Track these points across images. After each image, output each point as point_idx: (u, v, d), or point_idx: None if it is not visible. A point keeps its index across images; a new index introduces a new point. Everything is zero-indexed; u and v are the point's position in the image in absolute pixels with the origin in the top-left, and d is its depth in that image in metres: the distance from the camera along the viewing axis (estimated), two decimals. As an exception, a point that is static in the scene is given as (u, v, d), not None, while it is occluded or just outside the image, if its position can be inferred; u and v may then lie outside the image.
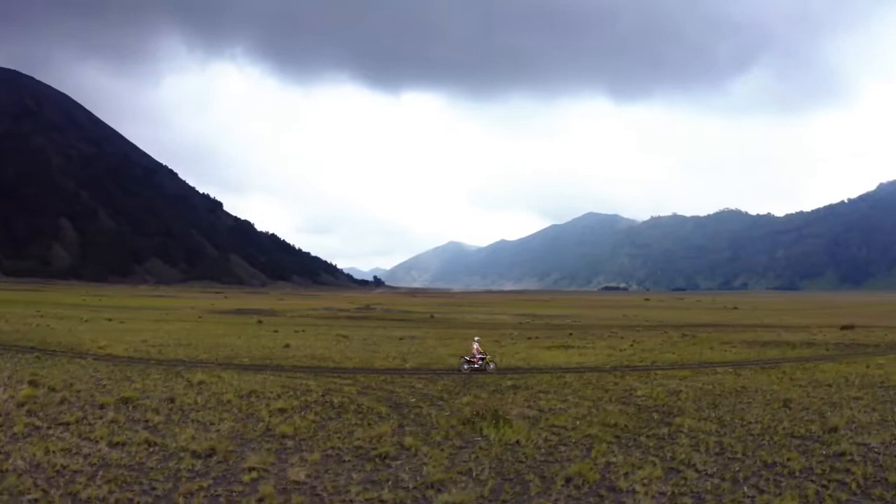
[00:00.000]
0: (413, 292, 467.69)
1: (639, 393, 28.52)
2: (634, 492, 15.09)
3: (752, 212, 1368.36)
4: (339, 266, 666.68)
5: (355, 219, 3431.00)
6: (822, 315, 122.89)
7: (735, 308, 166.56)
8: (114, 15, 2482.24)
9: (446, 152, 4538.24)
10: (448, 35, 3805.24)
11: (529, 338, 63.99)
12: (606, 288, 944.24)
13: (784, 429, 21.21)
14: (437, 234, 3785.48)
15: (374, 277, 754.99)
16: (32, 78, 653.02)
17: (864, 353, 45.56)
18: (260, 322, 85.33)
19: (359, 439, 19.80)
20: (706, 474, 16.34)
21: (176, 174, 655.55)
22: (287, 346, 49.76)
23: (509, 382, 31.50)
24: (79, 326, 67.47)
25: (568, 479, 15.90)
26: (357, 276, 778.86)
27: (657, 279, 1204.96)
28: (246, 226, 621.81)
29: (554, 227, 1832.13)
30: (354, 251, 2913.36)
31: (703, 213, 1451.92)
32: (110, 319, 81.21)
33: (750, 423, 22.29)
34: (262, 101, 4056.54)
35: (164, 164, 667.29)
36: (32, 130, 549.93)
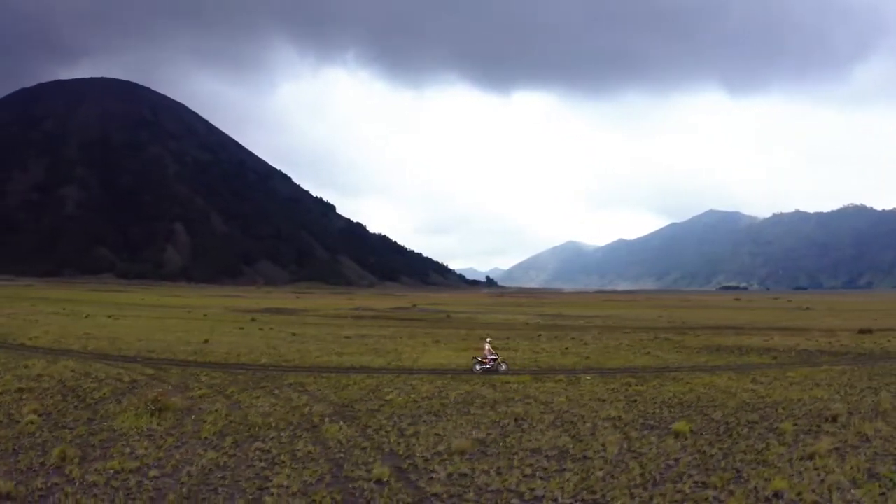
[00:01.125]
0: (503, 293, 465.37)
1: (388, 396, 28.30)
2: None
3: (878, 207, 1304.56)
4: (455, 266, 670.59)
5: (472, 219, 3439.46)
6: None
7: (807, 309, 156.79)
8: (229, 26, 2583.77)
9: (559, 151, 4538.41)
10: (557, 34, 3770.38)
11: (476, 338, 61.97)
12: (725, 287, 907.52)
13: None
14: (555, 233, 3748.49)
15: (487, 277, 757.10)
16: (150, 89, 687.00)
17: (810, 364, 41.65)
18: (253, 320, 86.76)
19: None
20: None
21: (290, 178, 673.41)
22: (206, 341, 52.53)
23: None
24: (62, 320, 74.30)
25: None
26: (475, 277, 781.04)
27: (779, 278, 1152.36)
28: (358, 228, 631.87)
29: (673, 225, 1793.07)
30: (472, 251, 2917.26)
31: (826, 208, 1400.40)
32: (110, 317, 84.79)
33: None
34: (374, 105, 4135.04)
35: (278, 168, 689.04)
36: (149, 139, 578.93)
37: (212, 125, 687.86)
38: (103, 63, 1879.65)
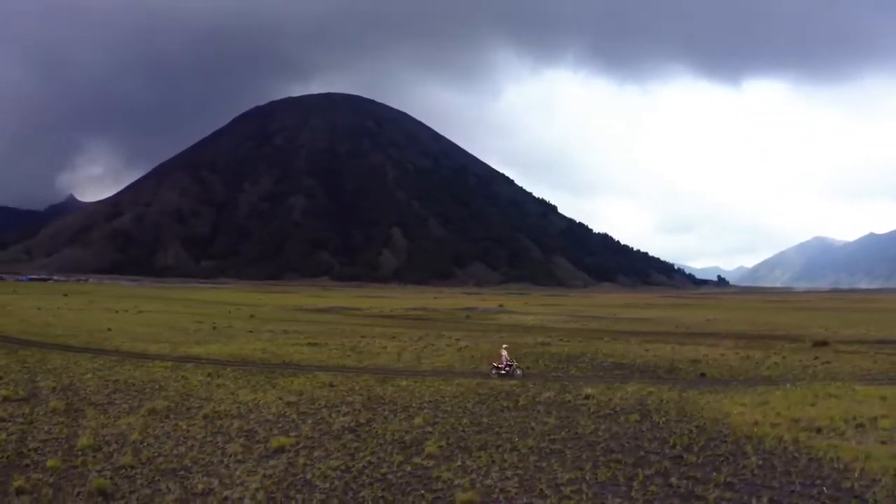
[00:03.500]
0: (681, 294, 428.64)
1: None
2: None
3: None
4: (698, 266, 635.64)
5: (712, 216, 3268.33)
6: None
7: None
8: (450, 35, 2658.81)
9: (796, 140, 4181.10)
10: (786, 15, 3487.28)
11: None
12: None
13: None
14: (800, 228, 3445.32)
15: (718, 277, 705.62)
16: (374, 101, 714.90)
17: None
18: (252, 317, 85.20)
19: None
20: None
21: (512, 181, 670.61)
22: (110, 329, 58.08)
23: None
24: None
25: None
26: (719, 276, 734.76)
27: None
28: (579, 228, 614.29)
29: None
30: (716, 250, 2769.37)
31: None
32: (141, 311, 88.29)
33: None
34: (599, 102, 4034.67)
35: (501, 172, 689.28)
36: (372, 148, 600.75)
37: (436, 132, 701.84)
38: (333, 79, 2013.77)
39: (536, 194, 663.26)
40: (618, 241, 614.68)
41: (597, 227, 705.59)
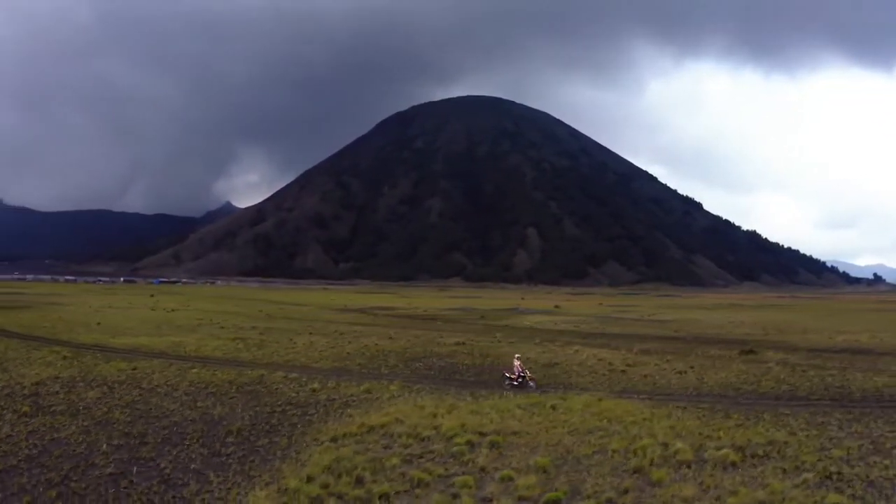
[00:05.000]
0: (794, 294, 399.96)
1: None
2: None
3: None
4: (863, 263, 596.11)
5: (875, 209, 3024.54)
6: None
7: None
8: (590, 31, 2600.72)
9: None
10: None
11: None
12: None
13: None
14: None
15: (874, 275, 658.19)
16: (514, 102, 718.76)
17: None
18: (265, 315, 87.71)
19: None
20: None
21: (655, 178, 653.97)
22: (99, 324, 62.86)
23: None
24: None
25: None
26: (875, 274, 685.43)
27: None
28: (723, 226, 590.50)
29: None
30: (881, 245, 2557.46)
31: None
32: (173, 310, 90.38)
33: None
34: (747, 94, 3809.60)
35: (643, 169, 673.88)
36: (510, 149, 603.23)
37: (575, 131, 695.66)
38: (474, 82, 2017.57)
39: (685, 191, 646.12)
40: (766, 239, 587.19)
41: (749, 224, 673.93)
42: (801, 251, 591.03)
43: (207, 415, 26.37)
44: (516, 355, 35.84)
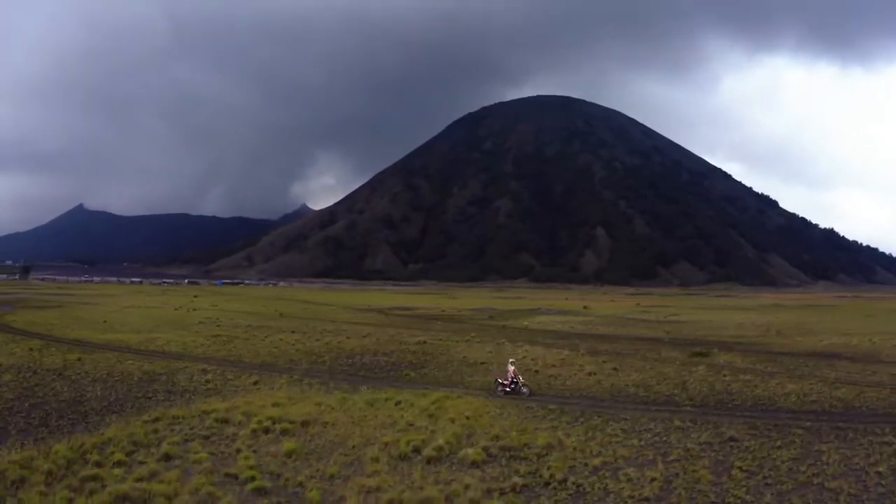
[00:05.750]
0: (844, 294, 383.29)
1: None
2: None
3: None
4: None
5: None
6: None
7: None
8: (661, 28, 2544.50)
9: None
10: None
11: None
12: None
13: None
14: None
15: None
16: (585, 101, 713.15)
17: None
18: (281, 315, 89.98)
19: None
20: None
21: (729, 176, 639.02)
22: (105, 321, 67.44)
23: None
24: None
25: None
26: None
27: None
28: (799, 224, 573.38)
29: None
30: None
31: None
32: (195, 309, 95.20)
33: None
34: (824, 88, 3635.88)
35: (717, 167, 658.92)
36: (581, 149, 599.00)
37: (648, 129, 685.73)
38: (545, 81, 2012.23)
39: (763, 188, 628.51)
40: (843, 237, 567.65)
41: (827, 222, 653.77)
42: (881, 250, 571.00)
43: (81, 395, 30.58)
44: (510, 360, 35.73)
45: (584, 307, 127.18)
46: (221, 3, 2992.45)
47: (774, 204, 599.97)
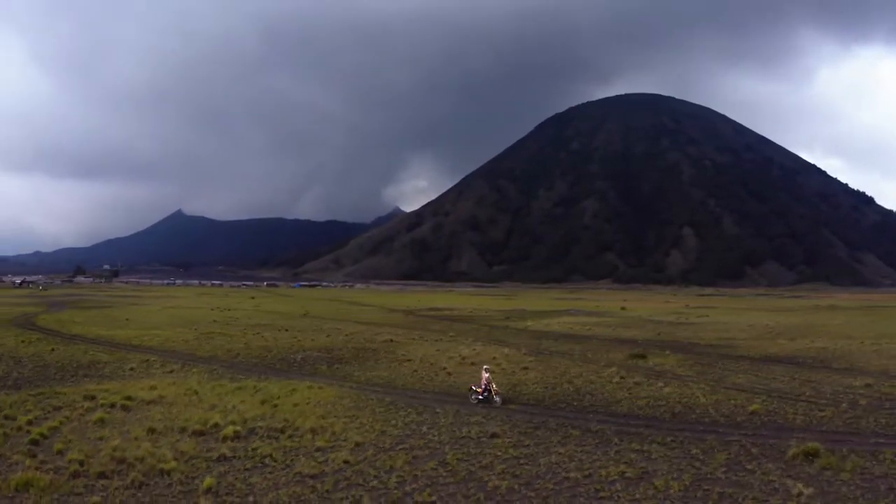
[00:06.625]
0: None
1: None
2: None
3: None
4: None
5: None
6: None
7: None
8: (751, 21, 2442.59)
9: None
10: None
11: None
12: None
13: None
14: None
15: None
16: (673, 98, 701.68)
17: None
18: (306, 314, 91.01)
19: None
20: None
21: (824, 172, 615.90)
22: (128, 319, 77.23)
23: None
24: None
25: None
26: None
27: None
28: (895, 220, 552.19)
29: None
30: None
31: None
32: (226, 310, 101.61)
33: None
34: None
35: (811, 163, 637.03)
36: (668, 148, 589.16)
37: (740, 125, 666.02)
38: (633, 79, 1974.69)
39: (863, 184, 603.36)
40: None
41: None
42: None
43: (8, 374, 38.36)
44: (485, 367, 34.51)
45: (622, 308, 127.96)
46: (310, 12, 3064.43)
47: (870, 200, 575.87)
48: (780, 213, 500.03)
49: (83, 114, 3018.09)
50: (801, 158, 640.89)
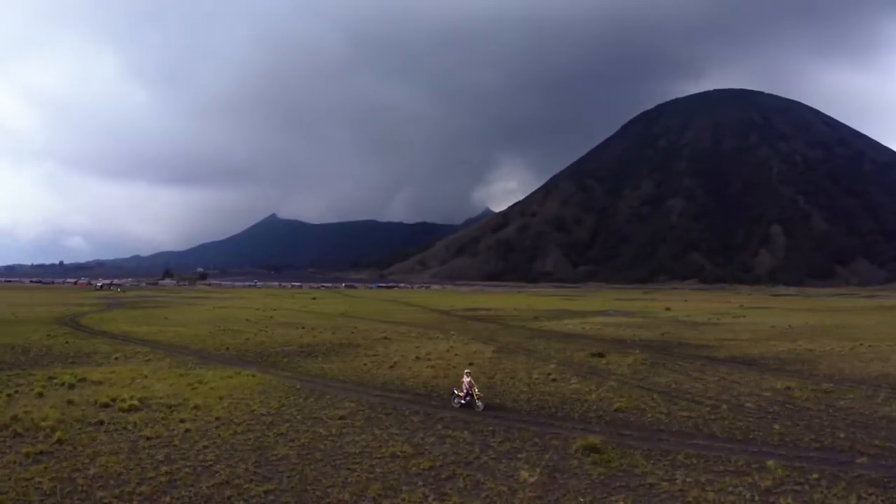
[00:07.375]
0: None
1: None
2: None
3: None
4: None
5: None
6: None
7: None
8: (842, 13, 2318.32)
9: None
10: None
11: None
12: None
13: None
14: None
15: None
16: (761, 93, 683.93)
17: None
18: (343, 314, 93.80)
19: None
20: None
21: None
22: (167, 318, 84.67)
23: None
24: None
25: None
26: None
27: None
28: None
29: None
30: None
31: None
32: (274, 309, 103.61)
33: None
34: None
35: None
36: (758, 143, 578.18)
37: (832, 119, 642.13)
38: (722, 74, 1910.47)
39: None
40: None
41: None
42: None
43: (6, 361, 43.58)
44: (466, 371, 33.81)
45: (666, 308, 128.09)
46: (396, 15, 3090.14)
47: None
48: (871, 209, 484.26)
49: (179, 123, 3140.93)
50: (894, 152, 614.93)
